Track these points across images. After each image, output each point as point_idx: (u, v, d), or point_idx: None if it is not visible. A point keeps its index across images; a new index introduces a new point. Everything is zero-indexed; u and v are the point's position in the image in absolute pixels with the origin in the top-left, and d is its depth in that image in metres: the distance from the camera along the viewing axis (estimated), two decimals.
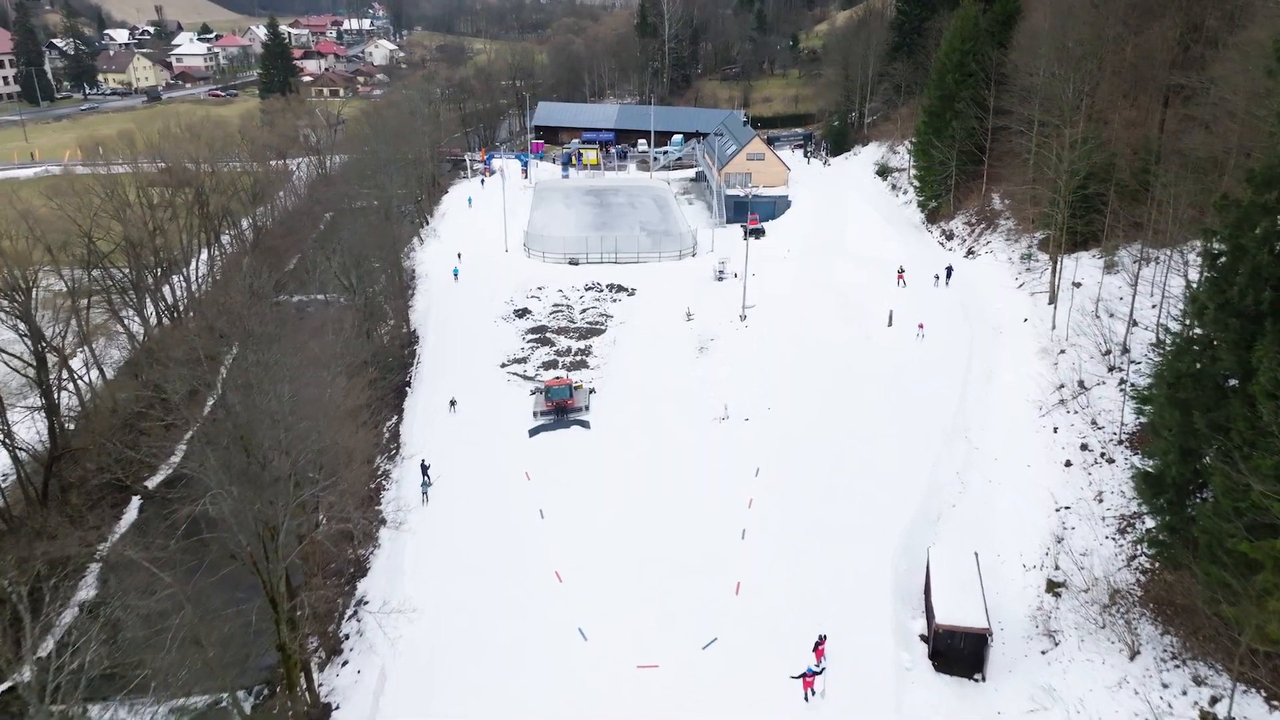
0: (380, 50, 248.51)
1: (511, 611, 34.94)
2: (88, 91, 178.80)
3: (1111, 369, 43.88)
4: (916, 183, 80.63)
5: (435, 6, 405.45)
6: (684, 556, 37.77)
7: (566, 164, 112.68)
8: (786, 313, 59.37)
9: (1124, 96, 63.25)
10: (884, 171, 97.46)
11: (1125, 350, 43.91)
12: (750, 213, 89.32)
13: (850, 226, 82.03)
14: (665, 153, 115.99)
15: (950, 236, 73.33)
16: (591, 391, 52.52)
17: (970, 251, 66.92)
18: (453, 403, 50.58)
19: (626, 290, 70.36)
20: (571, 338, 61.67)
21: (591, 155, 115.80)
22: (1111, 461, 39.07)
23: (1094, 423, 41.47)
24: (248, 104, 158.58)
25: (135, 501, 46.25)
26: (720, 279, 72.06)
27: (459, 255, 76.61)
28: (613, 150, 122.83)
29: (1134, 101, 63.11)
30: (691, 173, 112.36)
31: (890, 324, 54.68)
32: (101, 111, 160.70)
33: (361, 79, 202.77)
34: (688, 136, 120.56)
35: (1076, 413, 42.85)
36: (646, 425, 48.36)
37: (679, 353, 57.15)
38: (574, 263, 77.41)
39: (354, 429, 36.31)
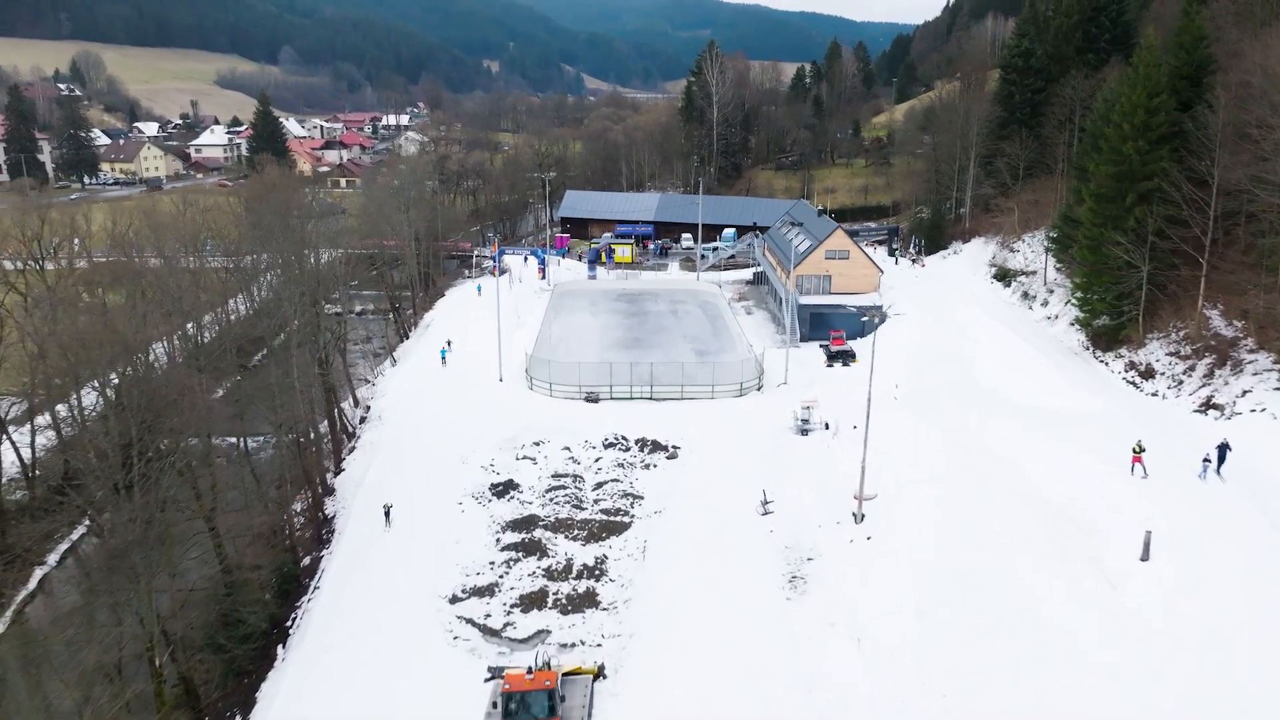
0: (410, 143, 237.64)
1: None
2: (87, 181, 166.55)
3: None
4: (1078, 293, 57.29)
5: (477, 104, 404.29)
6: None
7: (594, 262, 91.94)
8: (934, 516, 35.18)
9: None
10: (1004, 275, 74.60)
11: None
12: (833, 330, 66.90)
13: (979, 353, 58.60)
14: (715, 249, 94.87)
15: (1147, 374, 49.30)
16: (599, 676, 28.59)
17: (1210, 405, 42.55)
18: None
19: (665, 449, 47.15)
20: (576, 539, 38.24)
21: (625, 251, 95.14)
22: None
23: None
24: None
25: None
26: (805, 432, 48.71)
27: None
28: (651, 246, 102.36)
29: None
30: (748, 274, 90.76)
31: (1145, 557, 30.10)
32: (92, 201, 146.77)
33: (384, 169, 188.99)
34: (741, 230, 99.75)
35: None
36: None
37: (755, 585, 33.21)
38: (592, 399, 54.91)
39: None
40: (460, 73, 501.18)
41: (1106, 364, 53.58)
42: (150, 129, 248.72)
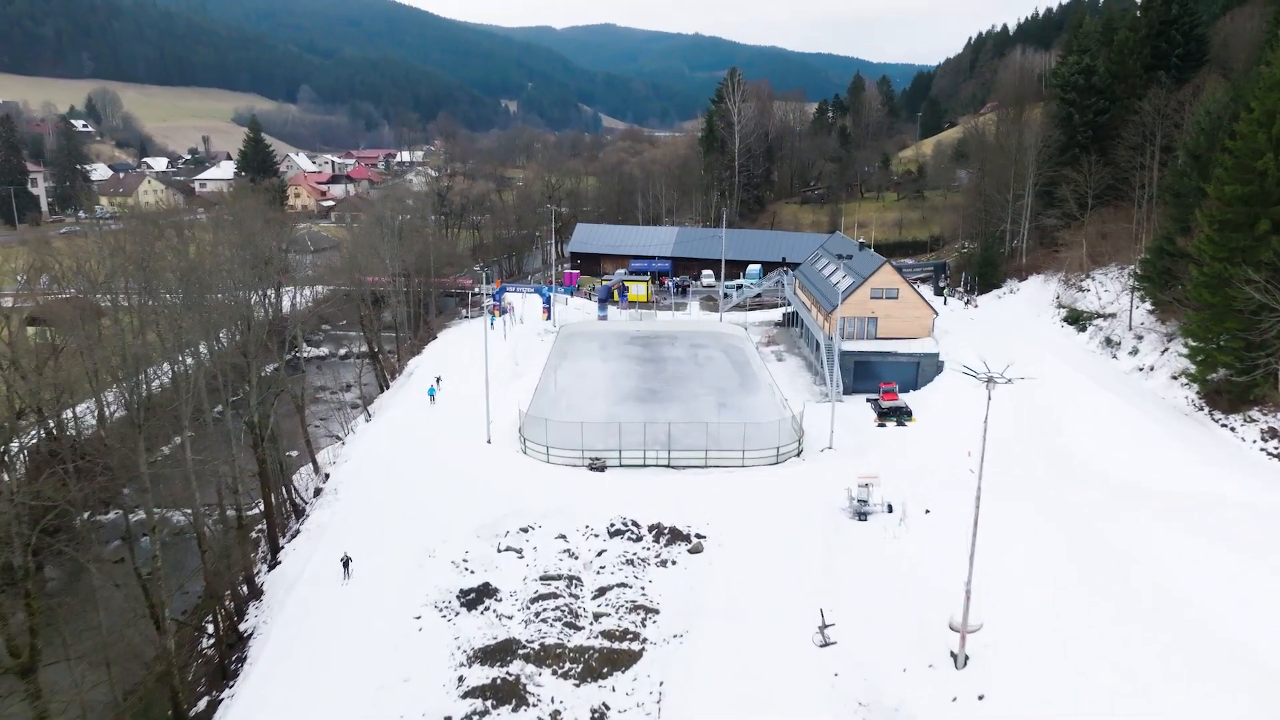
0: (420, 178, 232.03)
1: None
2: (82, 216, 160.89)
3: None
4: (1189, 340, 47.12)
5: (493, 140, 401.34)
6: None
7: (605, 300, 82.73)
8: (1070, 662, 24.87)
9: None
10: (1077, 318, 64.58)
11: None
12: (883, 382, 57.01)
13: (1064, 411, 48.56)
14: (740, 287, 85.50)
15: None
16: None
17: None
18: None
19: (686, 539, 37.15)
20: (569, 675, 28.19)
21: (640, 289, 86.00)
22: None
23: None
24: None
25: None
26: (862, 515, 38.67)
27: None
28: (668, 283, 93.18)
29: None
30: (777, 314, 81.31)
31: None
32: (82, 234, 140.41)
33: (390, 202, 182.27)
34: (768, 267, 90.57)
35: None
36: None
37: None
38: (598, 467, 45.22)
39: None
40: (478, 112, 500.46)
41: (1233, 429, 43.24)
42: (160, 164, 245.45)
